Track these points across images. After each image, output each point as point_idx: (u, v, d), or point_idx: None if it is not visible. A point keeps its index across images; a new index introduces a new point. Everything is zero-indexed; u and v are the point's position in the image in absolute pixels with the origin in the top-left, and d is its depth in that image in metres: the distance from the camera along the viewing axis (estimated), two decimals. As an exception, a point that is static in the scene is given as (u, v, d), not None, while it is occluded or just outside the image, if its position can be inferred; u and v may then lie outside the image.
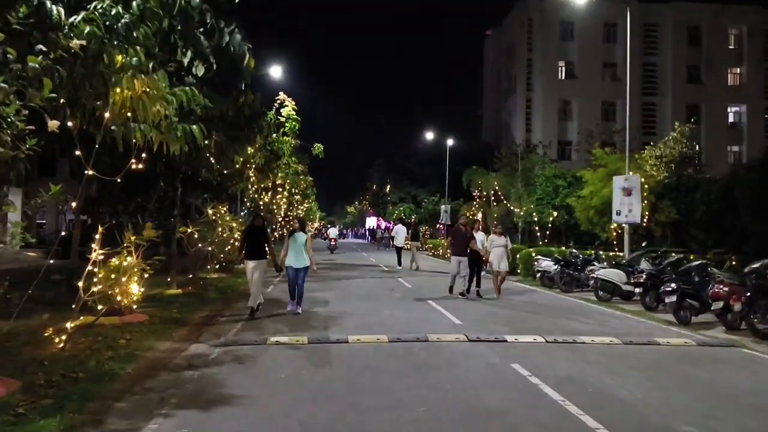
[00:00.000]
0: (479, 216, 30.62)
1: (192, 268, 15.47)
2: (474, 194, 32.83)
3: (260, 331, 9.43)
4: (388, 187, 57.08)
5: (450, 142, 43.61)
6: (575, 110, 53.07)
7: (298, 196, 34.77)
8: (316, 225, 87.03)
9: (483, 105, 65.72)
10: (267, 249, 11.10)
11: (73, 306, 7.40)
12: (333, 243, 39.50)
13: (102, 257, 7.82)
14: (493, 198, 29.86)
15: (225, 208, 15.89)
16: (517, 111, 54.03)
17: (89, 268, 7.57)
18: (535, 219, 25.20)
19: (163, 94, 6.18)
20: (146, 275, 10.15)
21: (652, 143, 30.53)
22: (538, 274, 17.94)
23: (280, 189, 23.71)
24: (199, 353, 7.76)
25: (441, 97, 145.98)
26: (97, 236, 7.66)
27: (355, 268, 23.35)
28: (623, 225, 17.72)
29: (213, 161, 13.62)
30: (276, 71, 26.77)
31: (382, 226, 62.64)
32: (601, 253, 17.89)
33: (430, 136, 47.29)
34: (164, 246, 14.77)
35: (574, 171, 27.45)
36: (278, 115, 24.78)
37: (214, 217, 15.39)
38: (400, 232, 24.58)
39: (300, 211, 39.85)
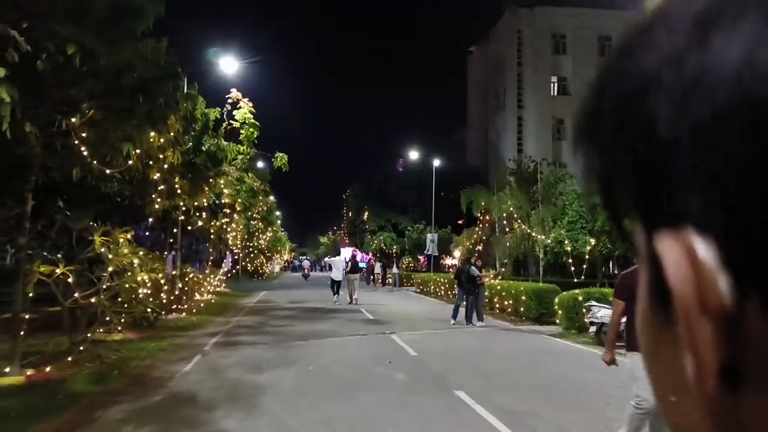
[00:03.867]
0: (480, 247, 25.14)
1: (68, 330, 9.62)
2: (478, 218, 27.34)
3: None
4: (366, 215, 51.52)
5: (437, 162, 38.42)
6: (570, 129, 48.51)
7: (259, 223, 28.92)
8: (285, 257, 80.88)
9: (467, 126, 61.09)
10: None
11: None
12: (306, 273, 49.26)
13: None
14: (505, 223, 24.28)
15: (128, 235, 10.07)
16: (506, 130, 49.39)
17: None
18: (568, 249, 19.77)
19: None
20: None
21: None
22: (592, 328, 12.51)
23: (228, 210, 17.99)
24: None
25: (420, 120, 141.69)
26: None
27: (328, 317, 17.56)
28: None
29: (86, 153, 7.96)
30: (229, 65, 21.40)
31: (358, 258, 56.86)
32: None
33: (414, 155, 42.13)
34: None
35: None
36: (231, 119, 19.30)
37: (103, 249, 9.59)
38: (338, 264, 22.28)
39: (263, 241, 34.10)
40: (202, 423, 6.19)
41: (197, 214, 15.50)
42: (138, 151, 7.92)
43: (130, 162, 8.12)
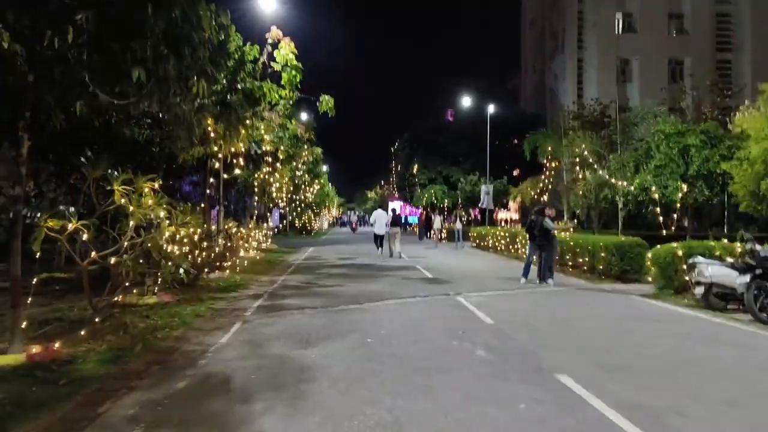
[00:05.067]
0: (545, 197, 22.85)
1: (88, 293, 8.27)
2: (544, 166, 24.95)
3: None
4: (416, 167, 49.45)
5: (491, 108, 35.85)
6: (636, 70, 44.85)
7: (305, 174, 27.35)
8: (333, 212, 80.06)
9: (522, 71, 57.64)
10: None
11: None
12: (354, 227, 55.25)
13: None
14: (578, 169, 21.86)
15: (154, 184, 8.59)
16: (565, 73, 46.01)
17: None
18: (655, 196, 17.34)
19: None
20: None
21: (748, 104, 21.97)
22: (699, 289, 10.50)
23: (270, 159, 16.39)
24: None
25: (472, 67, 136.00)
26: None
27: (382, 275, 16.00)
28: None
29: (87, 77, 6.39)
30: (268, 3, 19.55)
31: (406, 213, 55.20)
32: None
33: (465, 103, 39.56)
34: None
35: (704, 126, 19.18)
36: (271, 59, 17.54)
37: (123, 200, 8.12)
38: (379, 218, 22.94)
39: (310, 195, 32.66)
40: (233, 424, 4.66)
41: (235, 161, 13.99)
42: (143, 72, 6.24)
43: (145, 90, 6.50)
